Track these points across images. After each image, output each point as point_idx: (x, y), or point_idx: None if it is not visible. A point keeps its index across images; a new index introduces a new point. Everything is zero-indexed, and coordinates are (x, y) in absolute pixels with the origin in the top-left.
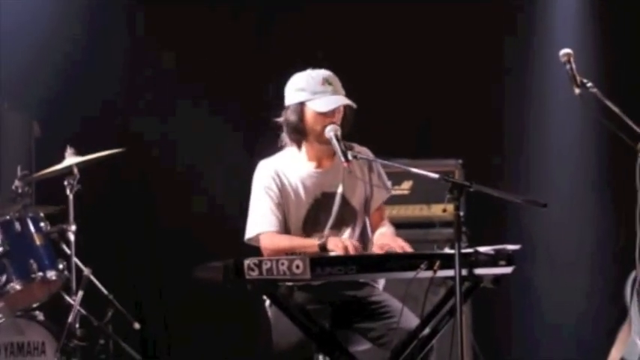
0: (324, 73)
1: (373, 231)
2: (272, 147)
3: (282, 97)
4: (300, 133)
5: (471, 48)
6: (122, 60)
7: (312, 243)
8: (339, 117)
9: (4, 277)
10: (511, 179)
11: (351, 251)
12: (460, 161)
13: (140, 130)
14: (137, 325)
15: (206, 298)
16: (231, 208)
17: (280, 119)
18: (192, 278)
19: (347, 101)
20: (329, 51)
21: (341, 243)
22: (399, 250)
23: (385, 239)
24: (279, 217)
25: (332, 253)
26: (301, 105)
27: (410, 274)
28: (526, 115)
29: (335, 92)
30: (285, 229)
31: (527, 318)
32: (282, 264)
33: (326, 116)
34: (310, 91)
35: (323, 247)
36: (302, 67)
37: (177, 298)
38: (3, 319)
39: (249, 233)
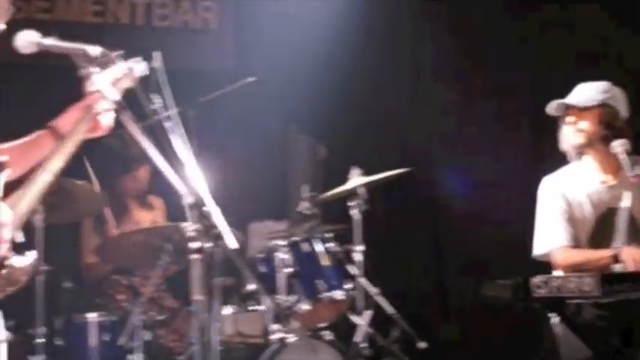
0: (593, 83)
1: None
2: (558, 163)
3: None
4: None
5: None
6: (408, 82)
7: (605, 254)
8: (586, 121)
9: (293, 297)
10: None
11: None
12: None
13: (426, 149)
14: (422, 345)
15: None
16: (517, 225)
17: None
18: (478, 296)
19: (563, 101)
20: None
21: (636, 255)
22: None
23: None
24: (571, 230)
25: (617, 267)
26: None
27: None
28: None
29: (571, 96)
30: None
31: None
32: (571, 282)
33: (561, 120)
34: None
35: (616, 257)
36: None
37: (462, 316)
38: (296, 339)
39: (541, 249)
